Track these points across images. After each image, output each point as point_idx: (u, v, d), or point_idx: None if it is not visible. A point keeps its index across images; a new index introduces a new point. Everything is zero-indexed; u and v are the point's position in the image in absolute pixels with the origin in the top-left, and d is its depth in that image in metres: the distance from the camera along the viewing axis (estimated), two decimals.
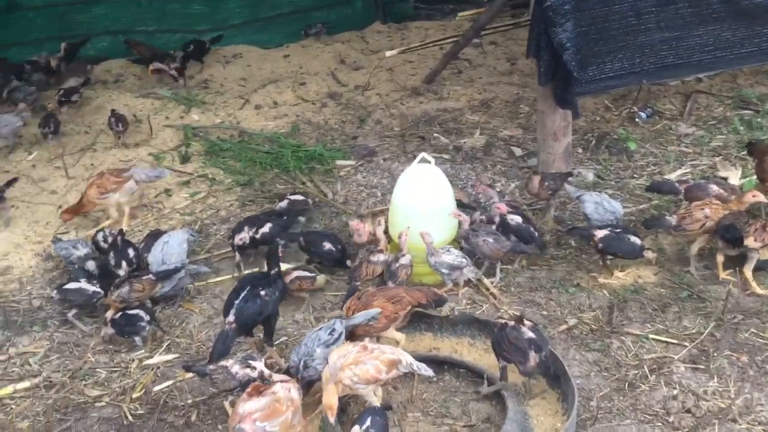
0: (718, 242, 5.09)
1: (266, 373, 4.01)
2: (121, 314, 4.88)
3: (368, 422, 3.61)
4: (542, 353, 4.06)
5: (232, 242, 5.51)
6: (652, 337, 4.68)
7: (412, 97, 8.23)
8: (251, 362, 4.03)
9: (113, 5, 9.73)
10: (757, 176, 5.83)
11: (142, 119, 7.93)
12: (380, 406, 3.88)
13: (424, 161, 5.45)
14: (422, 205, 5.29)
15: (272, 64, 9.38)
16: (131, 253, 5.37)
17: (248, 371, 4.00)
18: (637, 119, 7.32)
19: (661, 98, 7.70)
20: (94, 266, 5.43)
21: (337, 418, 3.84)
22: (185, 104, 8.26)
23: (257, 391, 3.73)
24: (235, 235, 5.50)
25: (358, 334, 4.37)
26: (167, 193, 6.68)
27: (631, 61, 5.71)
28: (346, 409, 4.23)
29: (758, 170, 5.78)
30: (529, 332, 4.10)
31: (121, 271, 5.25)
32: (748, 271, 5.03)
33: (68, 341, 5.02)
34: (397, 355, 4.02)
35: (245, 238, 5.45)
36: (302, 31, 10.00)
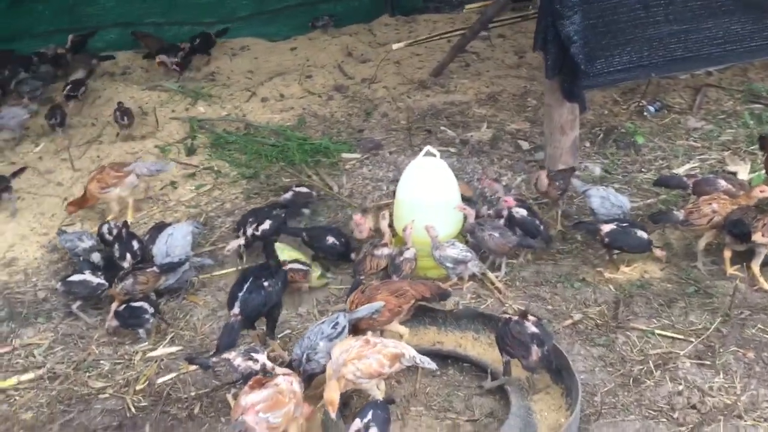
0: (725, 237, 5.04)
1: (268, 365, 4.00)
2: (125, 306, 4.89)
3: (369, 416, 3.61)
4: (545, 348, 4.03)
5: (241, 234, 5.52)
6: (657, 332, 4.65)
7: (419, 90, 8.18)
8: (254, 355, 4.03)
9: None
10: (766, 171, 5.77)
11: (148, 111, 7.93)
12: (382, 399, 3.86)
13: (429, 154, 5.42)
14: (427, 198, 5.27)
15: (279, 56, 9.35)
16: (136, 245, 5.37)
17: (250, 364, 3.99)
18: (645, 113, 7.25)
19: (670, 92, 7.62)
20: (99, 258, 5.45)
21: (338, 413, 3.84)
22: (192, 97, 8.25)
23: (259, 383, 3.74)
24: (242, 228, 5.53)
25: (361, 327, 4.35)
26: (173, 185, 6.68)
27: (639, 54, 5.64)
28: (348, 402, 4.22)
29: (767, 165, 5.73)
30: (532, 327, 4.08)
31: (125, 263, 5.25)
32: (755, 266, 4.98)
33: (72, 333, 5.03)
34: (399, 348, 4.00)
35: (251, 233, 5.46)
36: (309, 23, 9.97)
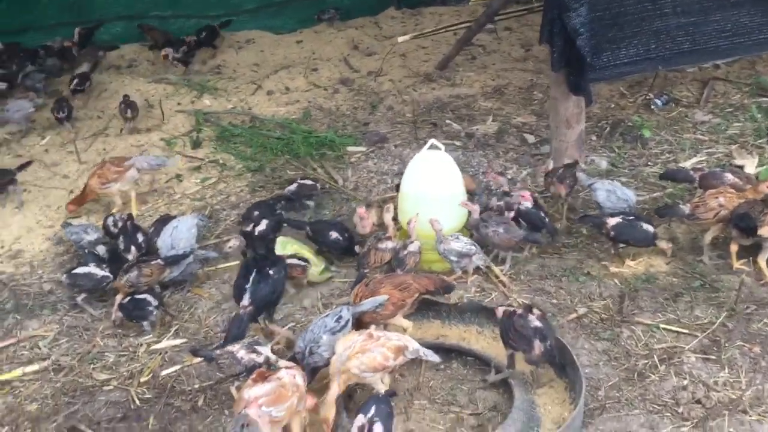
0: (732, 231, 5.01)
1: (272, 358, 4.00)
2: (129, 299, 4.90)
3: (373, 411, 3.57)
4: (547, 342, 4.02)
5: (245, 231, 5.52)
6: (662, 326, 4.62)
7: (424, 83, 8.17)
8: (257, 348, 4.03)
9: None
10: None
11: (154, 104, 7.94)
12: (384, 393, 3.85)
13: (433, 147, 5.40)
14: (432, 191, 5.25)
15: (285, 49, 9.35)
16: (140, 237, 5.39)
17: (254, 356, 3.99)
18: (652, 106, 7.21)
19: (677, 85, 7.58)
20: (104, 251, 5.46)
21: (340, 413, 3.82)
22: (197, 90, 8.25)
23: (262, 377, 3.73)
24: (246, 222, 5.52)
25: (365, 321, 4.34)
26: (178, 178, 6.69)
27: (646, 47, 5.61)
28: (352, 395, 4.21)
29: None
30: (535, 321, 4.06)
31: (130, 255, 5.27)
32: (762, 260, 4.95)
33: (77, 325, 5.04)
34: (403, 341, 3.99)
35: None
36: (315, 16, 9.97)
